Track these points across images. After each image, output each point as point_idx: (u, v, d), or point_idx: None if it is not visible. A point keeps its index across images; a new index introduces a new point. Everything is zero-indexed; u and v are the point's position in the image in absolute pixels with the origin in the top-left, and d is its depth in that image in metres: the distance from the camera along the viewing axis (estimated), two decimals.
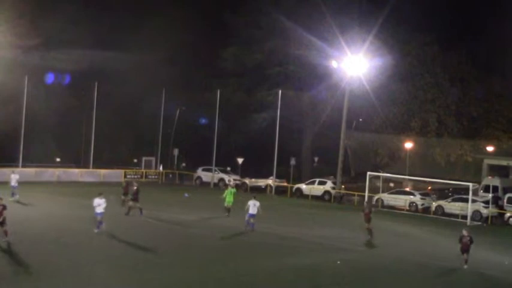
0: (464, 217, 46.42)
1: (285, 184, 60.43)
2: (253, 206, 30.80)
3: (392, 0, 59.65)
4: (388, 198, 51.41)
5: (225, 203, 38.07)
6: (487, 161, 62.26)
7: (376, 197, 51.88)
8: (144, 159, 70.91)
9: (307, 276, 24.49)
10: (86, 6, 65.45)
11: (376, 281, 24.78)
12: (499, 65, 68.01)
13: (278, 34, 66.41)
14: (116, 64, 63.68)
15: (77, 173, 57.46)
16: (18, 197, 41.10)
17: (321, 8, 61.82)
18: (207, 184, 63.78)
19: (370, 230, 33.62)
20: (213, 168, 64.53)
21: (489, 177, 55.96)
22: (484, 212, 47.25)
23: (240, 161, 64.26)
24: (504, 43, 64.48)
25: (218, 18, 70.23)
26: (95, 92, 62.31)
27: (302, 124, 71.55)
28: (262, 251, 28.99)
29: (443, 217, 46.02)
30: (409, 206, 51.25)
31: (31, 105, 58.50)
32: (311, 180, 59.83)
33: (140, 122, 69.89)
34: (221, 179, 63.60)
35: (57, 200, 43.54)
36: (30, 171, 57.65)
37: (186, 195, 47.99)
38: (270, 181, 60.85)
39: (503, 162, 60.89)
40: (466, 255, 27.59)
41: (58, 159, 64.89)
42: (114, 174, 62.49)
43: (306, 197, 56.61)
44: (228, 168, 65.73)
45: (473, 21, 68.43)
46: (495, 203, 48.93)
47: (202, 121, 75.45)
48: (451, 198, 50.67)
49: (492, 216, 46.94)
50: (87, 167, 61.98)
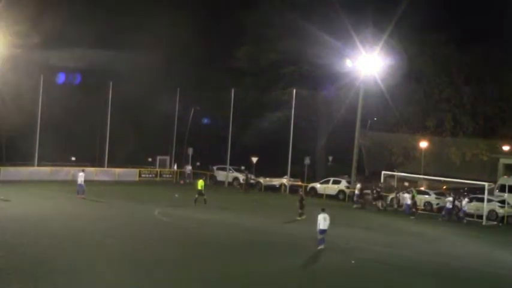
0: (480, 217, 46.20)
1: (299, 183, 60.37)
2: (324, 220, 28.25)
3: None
4: (403, 198, 51.14)
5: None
6: (503, 161, 61.87)
7: (390, 196, 51.68)
8: (158, 158, 71.10)
9: (321, 276, 24.44)
10: (99, 5, 65.48)
11: (392, 281, 24.67)
12: None
13: (292, 33, 66.24)
14: (130, 63, 63.84)
15: (92, 172, 57.64)
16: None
17: (335, 6, 61.64)
18: (222, 183, 63.99)
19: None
20: (228, 167, 64.64)
21: (505, 177, 55.56)
22: (500, 211, 46.96)
23: (254, 160, 64.28)
24: None
25: (232, 17, 70.25)
26: (110, 91, 62.55)
27: (316, 123, 71.46)
28: (275, 250, 28.94)
29: (457, 216, 45.70)
30: (424, 205, 51.04)
31: (46, 104, 58.85)
32: (325, 179, 59.75)
33: (155, 121, 69.98)
34: (235, 178, 63.77)
35: (72, 199, 43.67)
36: (46, 170, 58.02)
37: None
38: (284, 180, 60.85)
39: None
40: None
41: (73, 158, 65.16)
42: (129, 173, 62.81)
43: (320, 196, 56.54)
44: (243, 167, 65.78)
45: (489, 20, 67.88)
46: None
47: (205, 121, 75.43)
48: (467, 197, 50.32)
49: (508, 216, 46.62)
50: (102, 166, 62.21)
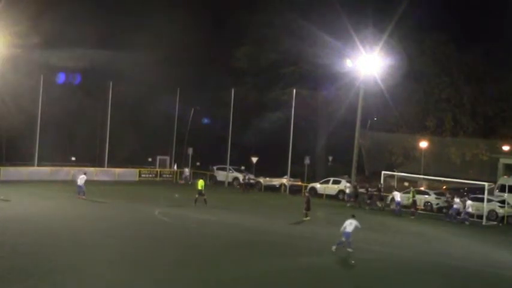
0: (480, 217, 46.15)
1: (299, 183, 60.39)
2: (350, 224, 27.95)
3: None
4: (403, 198, 51.03)
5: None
6: (503, 160, 61.82)
7: (390, 196, 51.63)
8: (158, 158, 71.15)
9: (320, 276, 24.40)
10: (98, 4, 65.43)
11: (392, 281, 24.63)
12: None
13: (292, 33, 66.28)
14: (130, 63, 63.94)
15: (92, 172, 57.58)
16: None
17: (335, 6, 61.64)
18: (222, 183, 64.06)
19: None
20: (228, 167, 64.68)
21: (505, 177, 55.56)
22: (500, 211, 46.92)
23: (254, 160, 64.30)
24: None
25: (232, 17, 70.27)
26: (110, 91, 62.58)
27: (316, 123, 71.49)
28: (275, 250, 28.90)
29: (459, 216, 45.67)
30: (424, 205, 50.99)
31: (46, 104, 58.88)
32: (325, 179, 59.73)
33: (155, 121, 70.00)
34: (235, 178, 63.80)
35: (73, 199, 43.68)
36: (46, 170, 58.04)
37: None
38: (284, 180, 60.85)
39: None
40: None
41: (73, 158, 65.16)
42: (129, 173, 62.84)
43: (320, 196, 56.52)
44: (243, 167, 65.80)
45: (490, 20, 67.88)
46: None
47: (205, 121, 75.44)
48: (467, 197, 50.28)
49: (508, 216, 46.58)
50: (102, 166, 62.21)
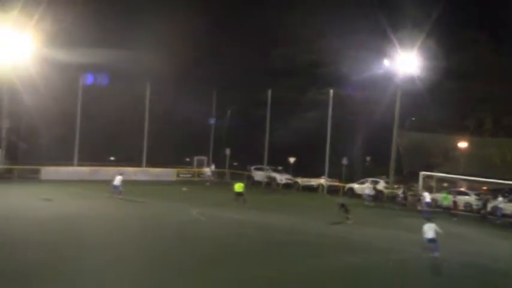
0: None
1: (337, 183, 60.18)
2: (429, 229, 27.19)
3: None
4: (441, 198, 50.52)
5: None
6: None
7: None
8: (196, 158, 71.50)
9: (358, 276, 24.26)
10: (131, 6, 65.88)
11: (431, 283, 24.39)
12: None
13: (329, 33, 66.04)
14: (167, 64, 64.34)
15: (130, 172, 58.14)
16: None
17: (373, 6, 61.34)
18: (259, 183, 64.10)
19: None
20: (265, 167, 64.72)
21: None
22: None
23: (291, 160, 64.22)
24: None
25: (268, 17, 70.27)
26: (147, 92, 63.08)
27: (354, 123, 71.12)
28: (311, 250, 28.83)
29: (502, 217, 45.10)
30: (464, 206, 50.39)
31: (85, 104, 59.59)
32: (363, 179, 59.43)
33: (192, 121, 70.40)
34: (272, 178, 63.81)
35: (111, 198, 44.14)
36: (85, 170, 58.72)
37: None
38: (322, 180, 60.68)
39: None
40: None
41: (112, 158, 65.79)
42: (167, 173, 63.17)
43: (358, 196, 56.23)
44: (280, 168, 65.79)
45: None
46: None
47: (212, 122, 75.49)
48: (508, 198, 49.63)
49: None
50: (140, 165, 62.70)
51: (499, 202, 46.06)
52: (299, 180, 62.13)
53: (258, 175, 65.73)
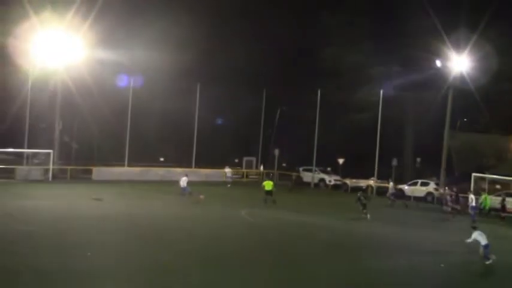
0: None
1: (387, 185, 59.58)
2: (481, 236, 26.54)
3: None
4: (495, 201, 49.50)
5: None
6: None
7: (481, 198, 50.17)
8: (245, 159, 71.69)
9: (411, 278, 24.01)
10: (182, 7, 66.24)
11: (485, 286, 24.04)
12: None
13: (378, 33, 65.54)
14: (216, 65, 64.68)
15: (179, 173, 58.50)
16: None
17: (424, 6, 60.60)
18: (307, 184, 63.93)
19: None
20: (314, 168, 64.52)
21: None
22: None
23: (340, 161, 63.92)
24: None
25: (317, 17, 70.07)
26: (197, 92, 63.47)
27: (404, 124, 70.44)
28: (359, 252, 28.65)
29: None
30: None
31: (136, 106, 60.26)
32: (413, 181, 58.77)
33: (241, 121, 70.59)
34: (322, 179, 63.57)
35: (161, 198, 44.57)
36: (135, 170, 59.41)
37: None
38: (371, 182, 60.19)
39: None
40: None
41: (162, 159, 66.39)
42: (216, 174, 63.36)
43: (408, 198, 55.54)
44: (329, 169, 65.53)
45: None
46: None
47: (219, 122, 75.28)
48: None
49: None
50: (190, 166, 63.09)
51: None
52: (348, 181, 61.73)
53: (306, 176, 65.57)
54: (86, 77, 55.15)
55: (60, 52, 53.40)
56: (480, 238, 26.64)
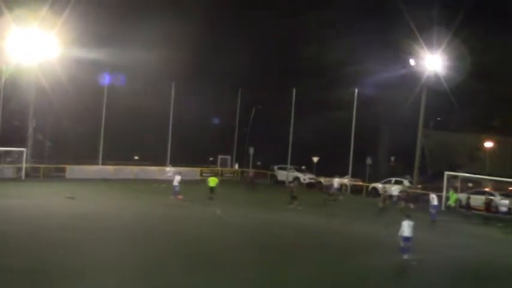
0: None
1: (360, 183, 59.96)
2: (408, 227, 26.40)
3: None
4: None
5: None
6: None
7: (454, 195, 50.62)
8: (219, 157, 71.64)
9: (381, 277, 24.20)
10: (154, 7, 66.08)
11: (455, 284, 24.26)
12: None
13: (355, 33, 65.88)
14: (192, 63, 64.56)
15: (154, 171, 58.40)
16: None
17: (399, 5, 61.00)
18: (282, 183, 64.07)
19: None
20: (288, 166, 64.70)
21: None
22: None
23: (315, 159, 64.14)
24: None
25: (295, 16, 70.24)
26: (172, 91, 63.32)
27: (378, 123, 70.86)
28: (332, 250, 28.81)
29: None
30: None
31: (110, 104, 60.00)
32: (387, 179, 59.17)
33: (216, 120, 70.54)
34: (296, 178, 63.72)
35: (135, 197, 44.43)
36: (109, 168, 59.13)
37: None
38: (345, 180, 60.50)
39: None
40: None
41: (136, 157, 66.17)
42: (191, 173, 63.24)
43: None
44: (303, 167, 65.72)
45: None
46: None
47: (216, 121, 75.35)
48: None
49: None
50: (164, 164, 62.91)
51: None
52: (322, 179, 61.98)
53: (281, 174, 65.73)
54: (60, 75, 54.72)
55: (34, 49, 52.91)
56: (406, 228, 26.34)
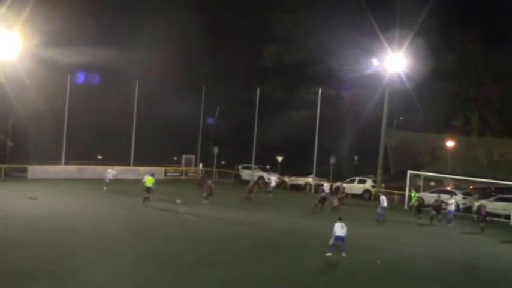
0: (507, 217, 45.76)
1: (325, 182, 60.22)
2: (341, 228, 27.11)
3: None
4: (429, 198, 50.56)
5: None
6: None
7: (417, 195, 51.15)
8: (184, 157, 71.39)
9: (346, 275, 24.35)
10: (116, 4, 65.54)
11: (417, 282, 24.52)
12: None
13: (319, 32, 66.08)
14: (155, 62, 64.23)
15: (118, 171, 57.81)
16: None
17: (362, 5, 61.40)
18: (247, 182, 64.01)
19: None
20: (253, 166, 64.74)
21: None
22: None
23: (279, 159, 64.30)
24: None
25: (258, 15, 70.22)
26: (136, 90, 62.91)
27: (342, 122, 71.24)
28: (296, 250, 28.90)
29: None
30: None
31: (73, 103, 59.43)
32: (351, 178, 59.58)
33: (181, 120, 70.23)
34: (260, 177, 63.81)
35: (98, 197, 44.06)
36: (72, 168, 58.54)
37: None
38: (309, 179, 60.77)
39: None
40: None
41: (99, 157, 65.58)
42: (155, 172, 62.84)
43: (345, 195, 56.13)
44: (268, 167, 65.83)
45: None
46: None
47: (210, 120, 75.30)
48: (494, 197, 49.90)
49: None
50: (128, 164, 62.50)
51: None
52: (286, 179, 62.18)
53: (245, 174, 65.75)
54: (21, 74, 54.01)
55: None
56: (337, 229, 27.04)
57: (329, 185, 54.73)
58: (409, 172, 53.31)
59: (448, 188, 55.34)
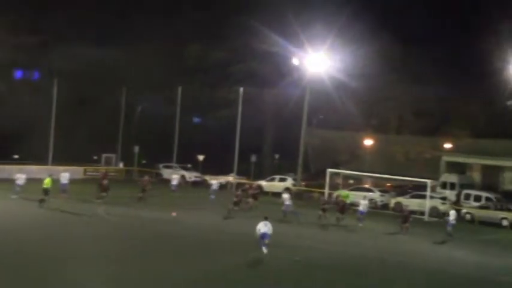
0: (423, 213, 47.01)
1: (246, 181, 60.44)
2: (264, 225, 27.55)
3: None
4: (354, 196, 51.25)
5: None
6: (445, 158, 63.20)
7: (335, 193, 51.94)
8: (104, 156, 70.37)
9: (265, 274, 24.48)
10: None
11: (336, 279, 24.85)
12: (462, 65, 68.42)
13: (241, 31, 66.24)
14: (75, 59, 63.11)
15: (34, 170, 56.37)
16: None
17: (284, 5, 61.88)
18: (167, 181, 63.59)
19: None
20: (174, 165, 64.42)
21: (446, 174, 56.89)
22: (441, 208, 47.90)
23: (200, 158, 64.19)
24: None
25: (181, 14, 69.89)
26: (55, 88, 61.64)
27: (263, 121, 71.63)
28: (217, 248, 28.96)
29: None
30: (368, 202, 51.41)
31: None
32: (271, 177, 59.98)
33: (101, 118, 69.13)
34: (182, 176, 63.45)
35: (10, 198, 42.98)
36: None
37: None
38: (230, 178, 60.89)
39: (460, 159, 62.06)
40: None
41: (16, 156, 63.93)
42: (74, 171, 61.68)
43: (266, 193, 56.50)
44: (189, 165, 65.59)
45: (441, 22, 68.97)
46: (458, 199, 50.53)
47: (196, 120, 75.00)
48: (410, 194, 51.19)
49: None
50: (46, 163, 61.11)
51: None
52: (207, 177, 62.06)
53: (166, 173, 65.24)
54: None
55: None
56: (261, 227, 27.59)
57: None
58: (329, 170, 54.09)
59: (367, 185, 56.42)
